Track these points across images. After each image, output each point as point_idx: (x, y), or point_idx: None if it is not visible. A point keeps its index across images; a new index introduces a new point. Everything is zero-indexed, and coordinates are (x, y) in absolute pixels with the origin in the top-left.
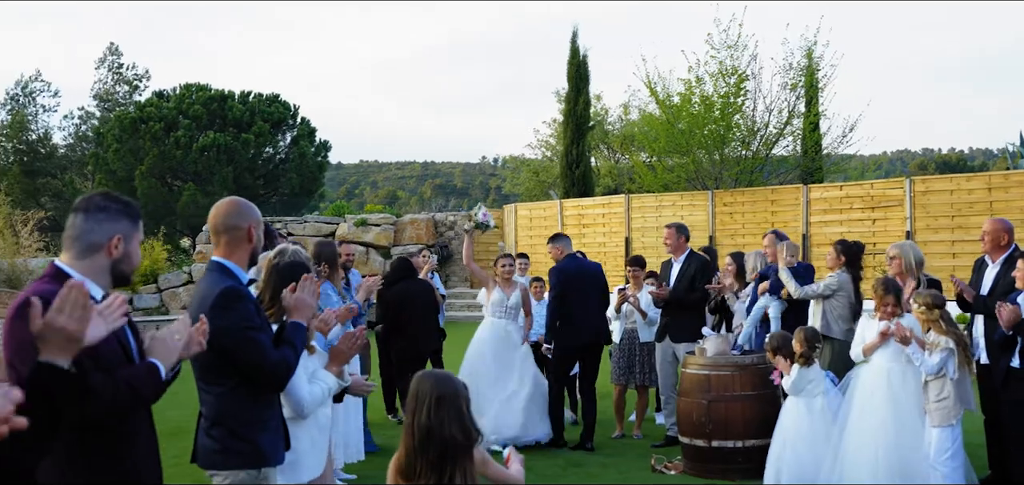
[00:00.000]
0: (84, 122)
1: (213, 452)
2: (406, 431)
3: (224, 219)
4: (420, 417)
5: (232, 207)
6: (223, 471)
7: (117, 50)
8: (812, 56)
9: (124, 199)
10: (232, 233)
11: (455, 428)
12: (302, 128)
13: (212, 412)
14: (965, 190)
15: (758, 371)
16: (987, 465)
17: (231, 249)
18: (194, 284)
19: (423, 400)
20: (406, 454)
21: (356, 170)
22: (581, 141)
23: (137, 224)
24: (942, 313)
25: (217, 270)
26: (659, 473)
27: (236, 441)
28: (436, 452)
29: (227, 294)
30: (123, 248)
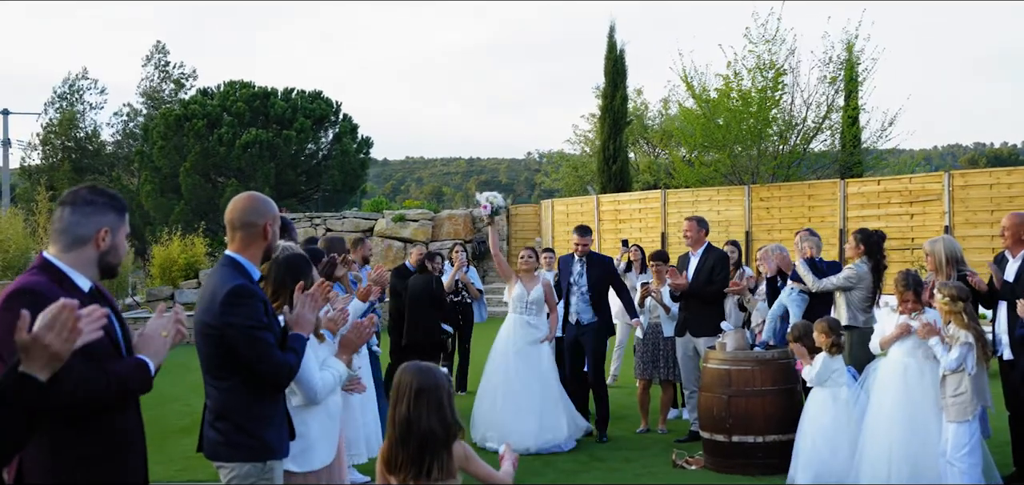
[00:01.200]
0: (131, 119)
1: (219, 444)
2: (389, 423)
3: (241, 215)
4: (401, 409)
5: (249, 203)
6: (229, 463)
7: (164, 48)
8: (852, 50)
9: (110, 192)
10: (248, 229)
11: (434, 421)
12: (344, 125)
13: (218, 405)
14: (1004, 184)
15: (779, 366)
16: (1012, 461)
17: (246, 245)
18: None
19: (404, 392)
20: (389, 446)
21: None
22: (618, 136)
23: (123, 217)
24: (966, 307)
25: (230, 265)
26: (680, 468)
27: (242, 435)
28: (415, 444)
29: (238, 292)
30: (110, 241)
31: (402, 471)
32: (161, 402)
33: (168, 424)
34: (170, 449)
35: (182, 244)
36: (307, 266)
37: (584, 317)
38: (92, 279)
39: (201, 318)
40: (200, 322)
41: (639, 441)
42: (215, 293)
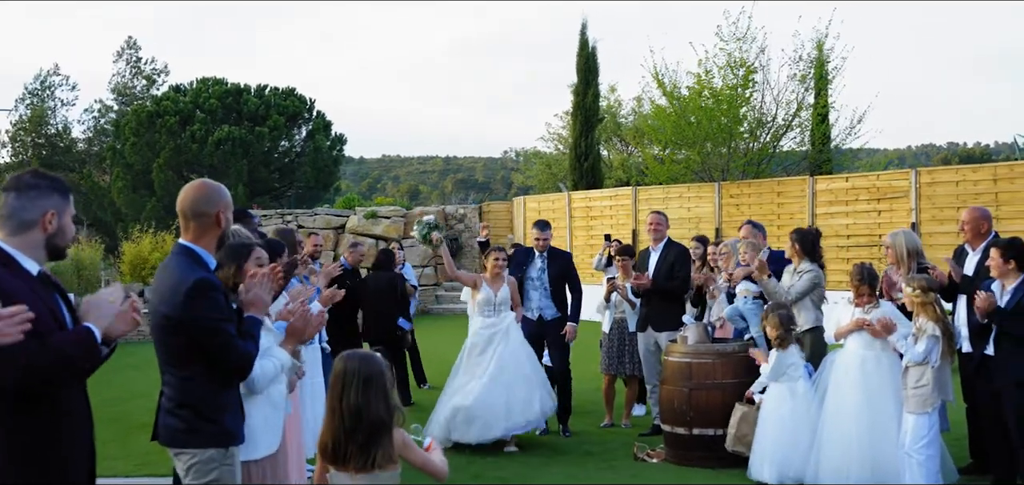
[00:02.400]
0: (102, 116)
1: (179, 431)
2: (331, 414)
3: (193, 204)
4: (348, 398)
5: (201, 191)
6: (191, 449)
7: (135, 44)
8: (822, 48)
9: (53, 176)
10: (201, 219)
11: (382, 408)
12: (318, 122)
13: (178, 394)
14: (970, 181)
15: (740, 359)
16: (969, 454)
17: (199, 233)
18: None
19: (351, 381)
20: (333, 437)
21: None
22: (590, 133)
23: (68, 199)
24: (936, 298)
25: (186, 255)
26: (641, 461)
27: (203, 421)
28: (364, 434)
29: (201, 286)
30: (57, 223)
31: (350, 462)
32: (127, 397)
33: (132, 419)
34: (132, 443)
35: (154, 241)
36: (247, 253)
37: (547, 312)
38: (40, 262)
39: (162, 310)
40: (160, 314)
41: (602, 435)
42: (177, 286)
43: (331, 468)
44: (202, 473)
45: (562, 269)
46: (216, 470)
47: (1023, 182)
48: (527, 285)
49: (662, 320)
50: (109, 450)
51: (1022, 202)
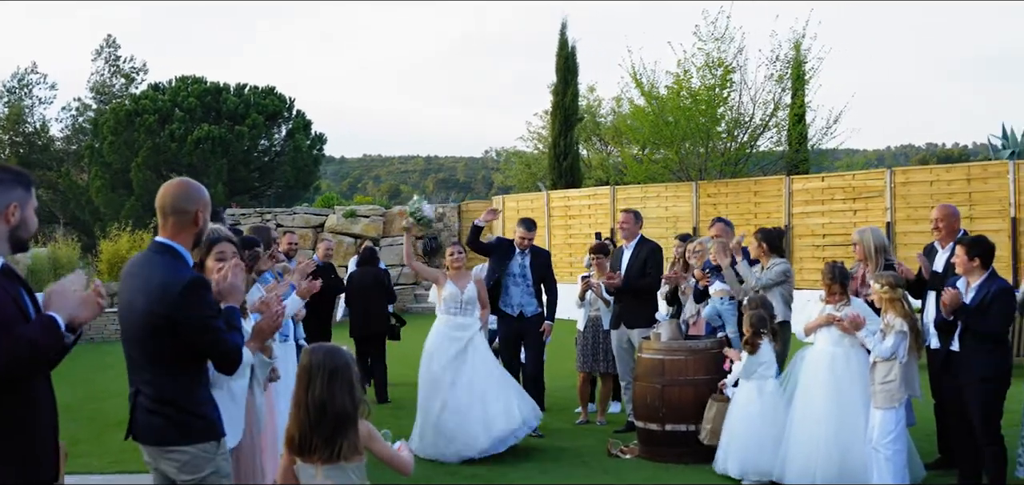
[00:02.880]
0: (81, 114)
1: (166, 428)
2: (297, 406)
3: (173, 201)
4: (313, 390)
5: (182, 188)
6: (183, 447)
7: (114, 42)
8: (800, 48)
9: (16, 169)
10: (180, 216)
11: (347, 401)
12: (297, 121)
13: (161, 391)
14: (944, 181)
15: (712, 355)
16: (937, 449)
17: (177, 231)
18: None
19: (316, 373)
20: (300, 430)
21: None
22: (569, 133)
23: (30, 191)
24: (904, 294)
25: (168, 253)
26: (615, 457)
27: (190, 417)
28: (330, 426)
29: (194, 285)
30: (19, 215)
31: (315, 454)
32: (102, 396)
33: (106, 418)
34: (107, 441)
35: (132, 239)
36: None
37: (528, 309)
38: (3, 254)
39: (150, 308)
40: (148, 312)
41: (576, 432)
42: (168, 284)
43: (297, 460)
44: (196, 469)
45: (543, 267)
46: (211, 463)
47: (996, 182)
48: (507, 281)
49: (634, 317)
50: (84, 448)
51: (995, 201)
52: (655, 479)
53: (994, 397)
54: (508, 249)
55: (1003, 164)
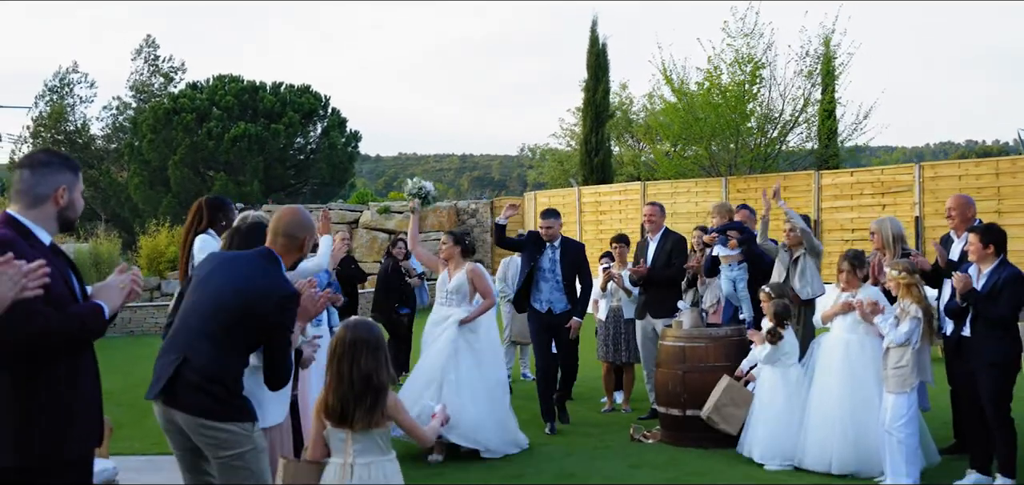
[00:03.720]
0: (120, 113)
1: (214, 405)
2: (337, 378)
3: (287, 226)
4: (361, 363)
5: (296, 217)
6: (224, 424)
7: (153, 42)
8: (829, 44)
9: (64, 154)
10: (291, 240)
11: (385, 373)
12: (333, 119)
13: (213, 370)
14: (973, 175)
15: (731, 343)
16: (953, 434)
17: (285, 251)
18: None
19: (361, 348)
20: (340, 399)
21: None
22: (600, 129)
23: (78, 175)
24: (919, 281)
25: (275, 263)
26: (637, 442)
27: (236, 399)
28: (372, 397)
29: (293, 298)
30: (68, 197)
31: (357, 423)
32: (142, 385)
33: (147, 404)
34: (147, 425)
35: (170, 235)
36: None
37: (557, 306)
38: (52, 233)
39: (245, 301)
40: (241, 304)
41: (602, 419)
42: (271, 288)
43: (328, 426)
44: (235, 445)
45: (575, 260)
46: (249, 441)
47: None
48: (537, 276)
49: (659, 307)
50: (126, 432)
51: (1023, 196)
52: (675, 461)
53: (1004, 382)
54: (538, 243)
55: None
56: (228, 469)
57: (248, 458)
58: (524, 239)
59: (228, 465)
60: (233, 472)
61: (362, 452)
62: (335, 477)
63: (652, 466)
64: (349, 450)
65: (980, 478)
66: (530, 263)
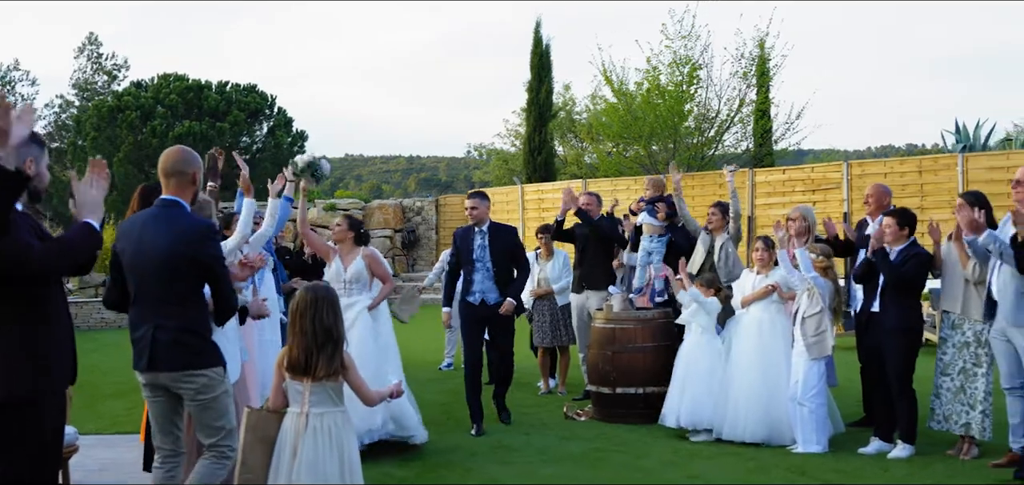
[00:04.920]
0: (63, 111)
1: (190, 355)
2: (300, 333)
3: (174, 164)
4: (320, 318)
5: (181, 154)
6: (203, 370)
7: (97, 40)
8: (764, 46)
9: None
10: (181, 177)
11: (342, 327)
12: (279, 118)
13: (184, 323)
14: (897, 172)
15: (658, 325)
16: (862, 409)
17: (180, 189)
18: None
19: (321, 305)
20: (304, 351)
21: (341, 164)
22: (543, 129)
23: (44, 150)
24: (829, 262)
25: (175, 207)
26: (570, 419)
27: (208, 345)
28: (331, 347)
29: (214, 230)
30: (35, 168)
31: (320, 370)
32: (94, 373)
33: (100, 390)
34: (100, 409)
35: (114, 232)
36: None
37: (490, 296)
38: (22, 203)
39: (173, 249)
40: (170, 253)
41: (538, 400)
42: (191, 228)
43: (288, 378)
44: (214, 388)
45: (507, 247)
46: (222, 385)
47: (946, 173)
48: (467, 267)
49: (594, 279)
50: (81, 415)
51: (945, 192)
52: (603, 434)
53: (908, 352)
54: (468, 235)
55: (952, 157)
56: (202, 409)
57: (220, 399)
58: (456, 245)
59: (204, 406)
60: (206, 411)
61: (317, 403)
62: (293, 425)
63: (582, 439)
64: (305, 401)
65: (882, 445)
66: (469, 258)
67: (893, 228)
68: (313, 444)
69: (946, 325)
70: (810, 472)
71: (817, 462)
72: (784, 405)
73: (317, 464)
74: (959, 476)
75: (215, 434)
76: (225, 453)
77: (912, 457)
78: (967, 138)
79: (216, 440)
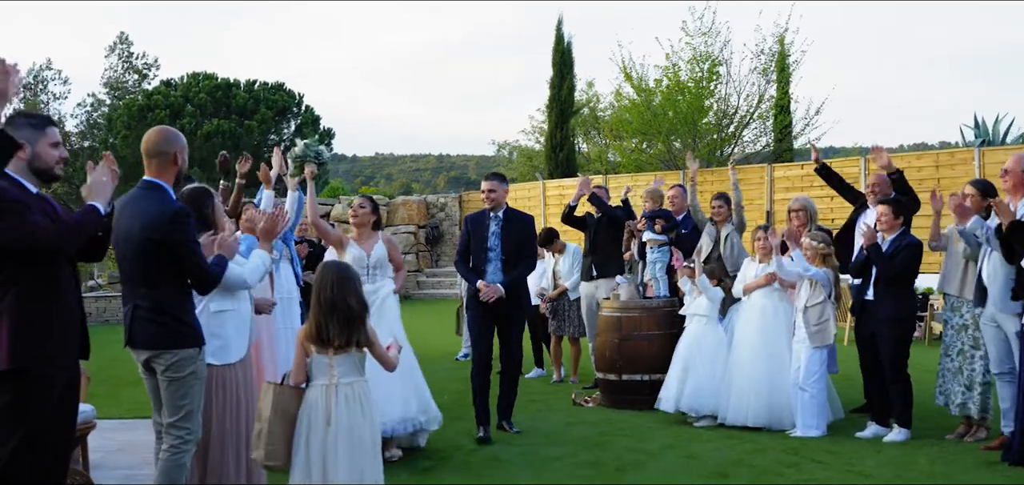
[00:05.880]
0: (95, 110)
1: (160, 335)
2: (315, 305)
3: (155, 144)
4: (328, 292)
5: (162, 134)
6: (172, 350)
7: (127, 39)
8: (783, 42)
9: (29, 113)
10: (162, 157)
11: (353, 299)
12: (306, 116)
13: (155, 303)
14: (915, 167)
15: (663, 313)
16: (863, 395)
17: (161, 170)
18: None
19: (327, 281)
20: (317, 323)
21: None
22: (565, 125)
23: (39, 131)
24: (829, 250)
25: (155, 190)
26: (578, 406)
27: (180, 326)
28: (342, 317)
29: (183, 213)
30: (30, 151)
31: (334, 340)
32: (117, 364)
33: (121, 378)
34: (121, 396)
35: None
36: (209, 197)
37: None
38: (35, 186)
39: (144, 234)
40: (142, 237)
41: (549, 388)
42: (161, 213)
43: (313, 351)
44: (181, 369)
45: (522, 235)
46: (193, 365)
47: (962, 168)
48: (479, 255)
49: (604, 267)
50: (103, 403)
51: (961, 187)
52: (608, 419)
53: (901, 337)
54: (480, 216)
55: (969, 151)
56: (168, 385)
57: (187, 380)
58: (467, 230)
59: (170, 382)
60: (172, 388)
61: (345, 373)
62: (322, 396)
63: (587, 424)
64: (333, 372)
65: (879, 429)
66: (481, 246)
67: (888, 218)
68: (347, 411)
69: (947, 307)
70: (804, 453)
71: (813, 445)
72: (786, 391)
73: (353, 430)
74: (950, 458)
75: (175, 414)
76: (183, 437)
77: (906, 441)
78: (986, 133)
79: (175, 420)
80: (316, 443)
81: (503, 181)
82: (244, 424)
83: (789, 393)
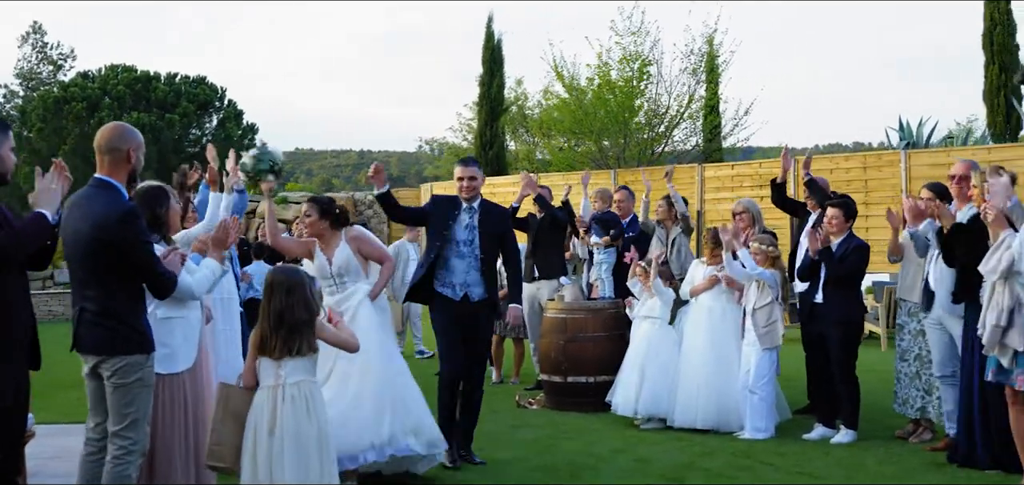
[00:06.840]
0: (7, 101)
1: (106, 339)
2: (262, 315)
3: (108, 141)
4: (275, 303)
5: (116, 131)
6: (116, 356)
7: (41, 29)
8: (713, 43)
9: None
10: (114, 154)
11: (301, 310)
12: (229, 110)
13: (103, 307)
14: (843, 168)
15: (609, 315)
16: (807, 396)
17: (113, 168)
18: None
19: (278, 289)
20: (262, 334)
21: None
22: (495, 123)
23: (6, 134)
24: (776, 252)
25: (106, 188)
26: (523, 408)
27: (128, 330)
28: (286, 330)
29: (133, 212)
30: None
31: (277, 353)
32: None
33: (55, 381)
34: (54, 398)
35: None
36: (164, 197)
37: (474, 291)
38: None
39: (93, 234)
40: (91, 237)
41: (490, 390)
42: (110, 212)
43: (262, 359)
44: (127, 375)
45: (498, 229)
46: (140, 372)
47: (889, 170)
48: (448, 252)
49: (546, 268)
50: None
51: (888, 188)
52: (553, 422)
53: (850, 341)
54: (449, 205)
55: (896, 153)
56: (114, 391)
57: (133, 387)
58: (424, 208)
59: (116, 388)
60: (118, 395)
61: (293, 372)
62: (267, 398)
63: (533, 427)
64: (280, 373)
65: (825, 431)
66: (442, 234)
67: (839, 221)
68: (292, 413)
69: (903, 312)
70: (755, 456)
71: (762, 447)
72: (735, 393)
73: (299, 435)
74: (897, 459)
75: (120, 421)
76: (127, 447)
77: (853, 442)
78: (911, 135)
79: (120, 428)
80: (262, 449)
81: (480, 169)
82: (192, 434)
83: (737, 395)
